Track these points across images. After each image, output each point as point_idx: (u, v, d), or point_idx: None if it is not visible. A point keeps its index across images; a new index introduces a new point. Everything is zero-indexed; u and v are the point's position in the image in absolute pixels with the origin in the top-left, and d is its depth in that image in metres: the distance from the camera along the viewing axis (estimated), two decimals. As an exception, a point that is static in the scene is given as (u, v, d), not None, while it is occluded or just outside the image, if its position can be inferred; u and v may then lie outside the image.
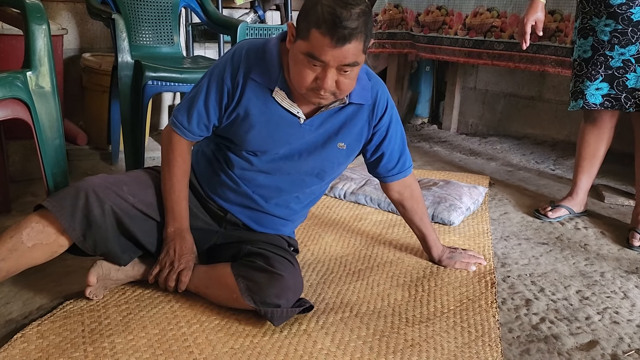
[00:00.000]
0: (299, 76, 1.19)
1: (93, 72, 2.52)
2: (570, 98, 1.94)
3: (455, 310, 1.36)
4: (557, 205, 2.06)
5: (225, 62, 1.30)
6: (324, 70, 1.15)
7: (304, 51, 1.15)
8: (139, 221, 1.30)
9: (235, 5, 3.07)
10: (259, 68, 1.28)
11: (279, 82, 1.28)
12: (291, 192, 1.42)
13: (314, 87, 1.18)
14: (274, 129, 1.32)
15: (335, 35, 1.10)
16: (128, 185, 1.32)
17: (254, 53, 1.29)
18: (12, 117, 1.43)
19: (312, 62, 1.15)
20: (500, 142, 3.33)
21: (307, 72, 1.16)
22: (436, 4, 2.80)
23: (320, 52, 1.13)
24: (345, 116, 1.35)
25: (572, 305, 1.43)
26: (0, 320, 1.24)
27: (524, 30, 1.90)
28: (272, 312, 1.20)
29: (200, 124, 1.33)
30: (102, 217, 1.23)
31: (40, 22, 1.50)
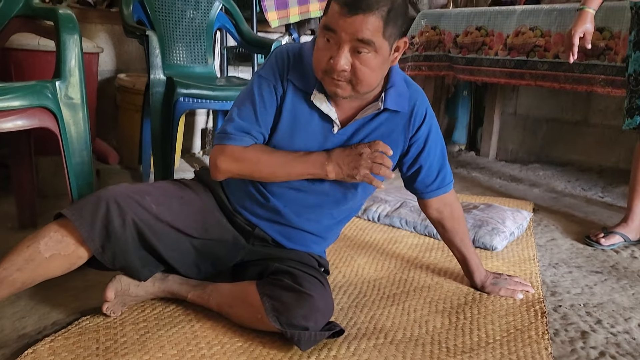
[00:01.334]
0: (315, 57, 1.12)
1: (127, 91, 2.53)
2: (625, 115, 1.80)
3: (502, 341, 1.23)
4: (611, 232, 1.91)
5: (270, 65, 1.23)
6: (337, 46, 1.07)
7: (321, 25, 1.09)
8: (161, 233, 1.22)
9: (270, 28, 3.06)
10: (298, 71, 1.21)
11: (317, 85, 1.20)
12: (323, 208, 1.33)
13: (328, 69, 1.10)
14: (307, 137, 1.24)
15: (347, 1, 1.04)
16: (151, 194, 1.24)
17: (292, 55, 1.22)
18: (38, 126, 1.40)
19: (326, 34, 1.08)
20: (543, 169, 3.18)
21: (323, 50, 1.10)
22: (475, 24, 2.72)
23: (332, 20, 1.06)
24: (380, 124, 1.25)
25: (635, 340, 1.28)
26: (13, 334, 1.18)
27: (571, 43, 1.79)
28: (299, 335, 1.10)
29: (254, 126, 1.22)
30: (122, 229, 1.16)
31: (72, 32, 1.48)
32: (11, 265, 1.10)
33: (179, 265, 1.27)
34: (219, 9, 2.49)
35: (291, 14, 2.97)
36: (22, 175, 1.83)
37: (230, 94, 2.08)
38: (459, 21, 2.80)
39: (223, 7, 2.50)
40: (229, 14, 2.51)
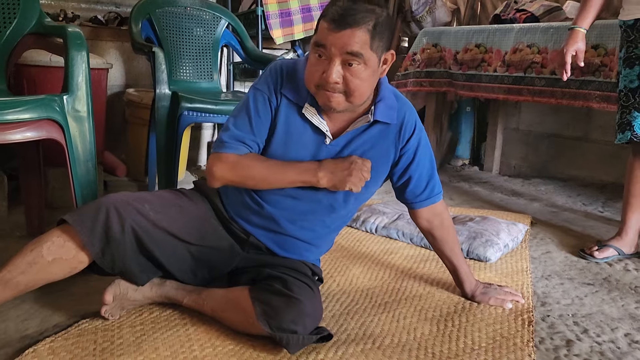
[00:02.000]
0: (308, 72, 1.19)
1: (135, 106, 2.61)
2: (617, 130, 1.84)
3: (487, 348, 1.26)
4: (605, 245, 1.93)
5: (265, 78, 1.29)
6: (329, 61, 1.14)
7: (312, 42, 1.16)
8: (159, 240, 1.27)
9: (276, 45, 3.14)
10: (291, 85, 1.27)
11: (309, 99, 1.26)
12: (317, 215, 1.38)
13: (321, 83, 1.16)
14: (300, 148, 1.30)
15: (335, 18, 1.12)
16: (150, 202, 1.29)
17: (286, 70, 1.29)
18: (46, 137, 1.47)
19: (317, 50, 1.15)
20: (545, 184, 3.20)
21: (314, 66, 1.16)
22: (475, 41, 2.78)
23: (322, 36, 1.13)
24: (371, 136, 1.31)
25: (619, 349, 1.30)
26: (16, 335, 1.23)
27: (564, 61, 1.84)
28: (287, 338, 1.14)
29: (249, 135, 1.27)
30: (121, 235, 1.21)
31: (79, 49, 1.57)
32: (15, 268, 1.16)
33: (175, 271, 1.33)
34: (225, 27, 2.58)
35: (296, 32, 3.05)
36: (31, 186, 1.90)
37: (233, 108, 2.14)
38: (458, 38, 2.86)
39: (229, 25, 2.59)
40: (235, 32, 2.59)
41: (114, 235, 1.20)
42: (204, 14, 2.54)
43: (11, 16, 1.81)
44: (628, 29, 1.78)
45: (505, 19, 2.94)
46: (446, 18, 3.70)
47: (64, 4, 2.73)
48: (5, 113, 1.39)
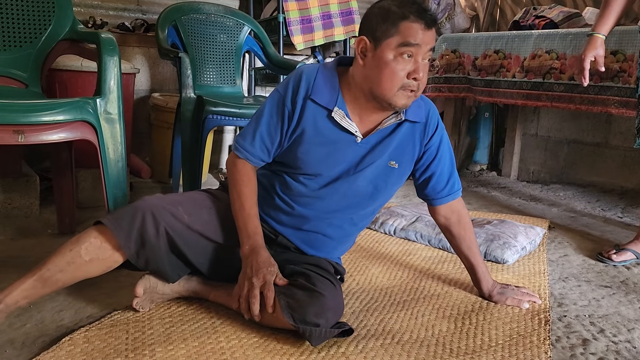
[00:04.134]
0: (390, 76, 1.24)
1: (160, 110, 2.69)
2: (636, 135, 1.86)
3: (504, 345, 1.29)
4: (623, 249, 1.94)
5: (286, 85, 1.35)
6: (415, 60, 1.23)
7: (396, 44, 1.22)
8: (191, 242, 1.33)
9: (296, 51, 3.21)
10: (318, 88, 1.32)
11: (338, 102, 1.32)
12: (345, 214, 1.43)
13: (404, 85, 1.24)
14: (331, 149, 1.35)
15: (426, 18, 1.22)
16: (183, 205, 1.35)
17: (313, 74, 1.34)
18: (80, 138, 1.54)
19: (405, 51, 1.22)
20: (564, 190, 3.20)
21: (399, 68, 1.23)
22: (494, 48, 2.81)
23: (415, 36, 1.21)
24: (400, 134, 1.37)
25: (635, 348, 1.32)
26: (53, 325, 1.30)
27: (582, 67, 1.87)
28: (310, 331, 1.19)
29: (262, 148, 1.36)
30: (156, 238, 1.27)
31: (112, 54, 1.64)
32: (54, 266, 1.22)
33: (205, 270, 1.39)
34: (247, 33, 2.64)
35: (316, 38, 3.11)
36: (63, 186, 1.98)
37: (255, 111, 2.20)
38: (477, 45, 2.89)
39: (252, 31, 2.65)
40: (257, 38, 2.66)
41: (149, 239, 1.26)
42: (228, 20, 2.61)
43: (46, 23, 1.90)
44: None
45: (524, 25, 2.97)
46: (465, 24, 3.74)
47: (93, 11, 2.83)
48: (42, 115, 1.47)
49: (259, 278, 1.24)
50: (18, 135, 1.43)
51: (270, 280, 1.24)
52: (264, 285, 1.23)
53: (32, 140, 1.45)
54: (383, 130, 1.36)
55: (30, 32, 1.87)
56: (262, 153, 1.37)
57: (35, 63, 1.89)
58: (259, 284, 1.23)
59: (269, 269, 1.26)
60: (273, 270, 1.27)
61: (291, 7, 3.02)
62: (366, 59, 1.27)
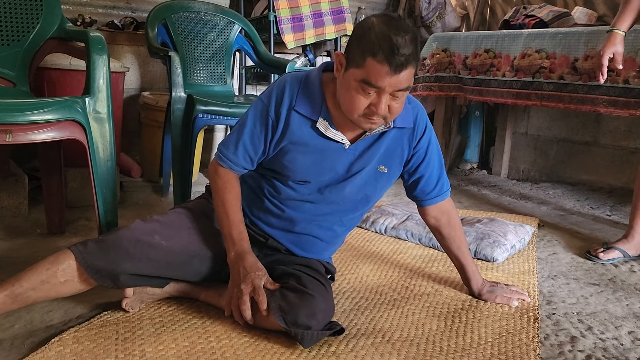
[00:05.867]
0: (351, 103, 1.20)
1: (150, 109, 2.67)
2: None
3: (493, 343, 1.30)
4: (611, 247, 1.96)
5: (269, 95, 1.32)
6: (378, 96, 1.18)
7: (359, 78, 1.17)
8: (179, 263, 1.32)
9: (287, 50, 3.20)
10: (302, 99, 1.31)
11: (322, 112, 1.30)
12: (335, 216, 1.43)
13: (366, 113, 1.20)
14: (319, 157, 1.34)
15: (393, 62, 1.12)
16: (159, 232, 1.32)
17: (296, 85, 1.32)
18: (69, 137, 1.53)
19: (367, 89, 1.17)
20: (553, 188, 3.23)
21: (360, 98, 1.18)
22: (484, 47, 2.82)
23: (377, 79, 1.15)
24: (388, 140, 1.37)
25: (622, 345, 1.33)
26: (42, 325, 1.29)
27: (600, 63, 1.86)
28: (302, 333, 1.19)
29: (246, 157, 1.34)
30: (131, 275, 1.26)
31: (101, 53, 1.63)
32: (28, 284, 1.20)
33: (193, 280, 1.39)
34: (238, 32, 2.64)
35: (307, 37, 3.11)
36: (52, 185, 1.97)
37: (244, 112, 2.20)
38: (468, 44, 2.90)
39: (242, 30, 2.65)
40: (248, 37, 2.65)
41: (123, 278, 1.25)
42: (218, 19, 2.60)
43: (34, 21, 1.88)
44: None
45: (514, 25, 2.98)
46: (456, 23, 3.75)
47: (82, 9, 2.81)
48: (31, 114, 1.45)
49: (247, 284, 1.23)
50: (6, 135, 1.42)
51: (259, 284, 1.24)
52: (254, 290, 1.23)
53: (20, 139, 1.43)
54: (371, 138, 1.35)
55: (18, 30, 1.85)
56: (245, 162, 1.35)
57: (23, 62, 1.88)
58: (248, 290, 1.23)
59: (256, 273, 1.25)
60: (261, 274, 1.26)
61: (282, 5, 3.01)
62: (339, 75, 1.24)
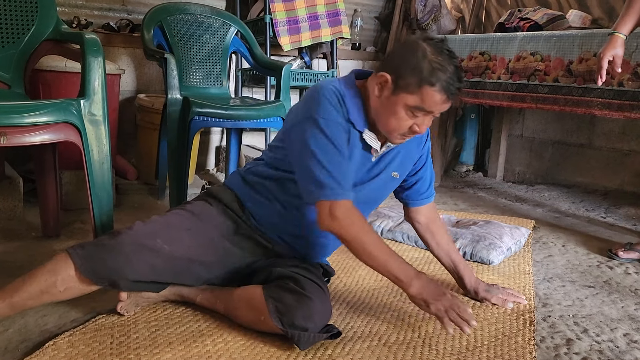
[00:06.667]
0: (397, 125, 1.24)
1: (146, 111, 2.67)
2: None
3: (489, 346, 1.30)
4: (632, 248, 2.00)
5: (332, 106, 1.25)
6: (423, 118, 1.23)
7: (412, 104, 1.20)
8: (180, 268, 1.29)
9: (283, 52, 3.20)
10: (351, 111, 1.28)
11: (367, 125, 1.31)
12: None
13: (407, 133, 1.26)
14: (356, 167, 1.33)
15: (449, 92, 1.18)
16: (160, 235, 1.28)
17: (343, 96, 1.28)
18: (64, 139, 1.52)
19: (416, 112, 1.21)
20: (549, 190, 3.24)
21: (407, 121, 1.23)
22: (479, 49, 2.83)
23: (432, 106, 1.20)
24: (403, 147, 1.40)
25: (618, 348, 1.34)
26: (36, 329, 1.28)
27: (600, 65, 1.87)
28: (299, 335, 1.19)
29: (347, 174, 1.25)
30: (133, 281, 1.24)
31: (96, 55, 1.62)
32: (26, 294, 1.18)
33: (192, 284, 1.38)
34: (234, 34, 2.63)
35: (303, 39, 3.11)
36: (47, 188, 1.96)
37: (242, 114, 2.20)
38: (463, 46, 2.91)
39: (238, 32, 2.64)
40: (244, 39, 2.65)
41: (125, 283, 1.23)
42: (214, 21, 2.60)
43: (29, 23, 1.87)
44: None
45: (509, 27, 2.99)
46: (451, 26, 3.76)
47: (77, 11, 2.80)
48: (25, 116, 1.44)
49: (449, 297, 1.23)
50: (0, 137, 1.41)
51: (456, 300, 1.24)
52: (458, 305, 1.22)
53: (15, 142, 1.42)
54: (390, 145, 1.36)
55: (13, 32, 1.84)
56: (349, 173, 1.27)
57: (18, 64, 1.87)
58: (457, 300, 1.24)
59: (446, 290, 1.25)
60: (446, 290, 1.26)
61: (278, 8, 3.01)
62: (382, 95, 1.25)
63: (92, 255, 1.20)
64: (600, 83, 1.90)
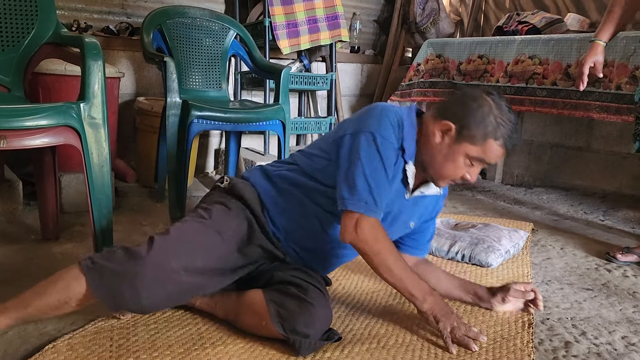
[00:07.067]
0: (453, 171, 1.30)
1: (145, 114, 2.67)
2: (635, 140, 1.91)
3: (487, 348, 1.30)
4: (631, 252, 2.01)
5: (391, 126, 1.28)
6: (476, 168, 1.30)
7: (474, 155, 1.27)
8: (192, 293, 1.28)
9: (282, 55, 3.21)
10: (406, 137, 1.31)
11: (413, 157, 1.33)
12: None
13: (457, 179, 1.32)
14: (392, 198, 1.34)
15: (510, 146, 1.27)
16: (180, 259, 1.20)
17: (402, 120, 1.31)
18: (64, 143, 1.53)
19: (475, 162, 1.29)
20: (547, 193, 3.24)
21: (463, 168, 1.29)
22: (478, 53, 2.84)
23: (493, 158, 1.28)
24: (427, 200, 1.45)
25: (616, 350, 1.34)
26: (35, 332, 1.28)
27: (581, 72, 1.92)
28: (300, 342, 1.18)
29: (384, 195, 1.27)
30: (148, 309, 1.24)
31: (96, 59, 1.62)
32: (36, 310, 1.17)
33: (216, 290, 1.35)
34: (233, 37, 2.64)
35: (302, 42, 3.12)
36: (46, 190, 1.96)
37: (241, 117, 2.21)
38: (462, 50, 2.92)
39: (237, 35, 2.65)
40: (243, 42, 2.66)
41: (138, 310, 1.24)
42: (213, 24, 2.61)
43: (29, 26, 1.88)
44: None
45: (507, 31, 3.01)
46: (450, 29, 3.77)
47: (77, 15, 2.81)
48: (25, 120, 1.45)
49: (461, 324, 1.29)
50: (0, 141, 1.41)
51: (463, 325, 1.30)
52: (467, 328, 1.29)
53: (15, 145, 1.43)
54: (420, 194, 1.39)
55: (13, 35, 1.85)
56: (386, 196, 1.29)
57: (18, 67, 1.87)
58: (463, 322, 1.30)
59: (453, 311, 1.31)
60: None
61: (277, 11, 3.02)
62: (443, 141, 1.29)
63: (109, 285, 1.14)
64: (581, 88, 1.96)
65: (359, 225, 1.23)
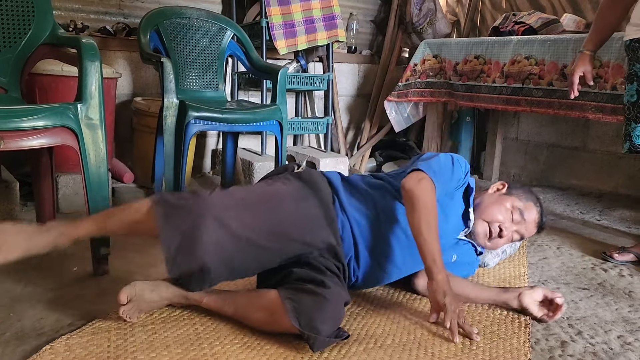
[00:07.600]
0: (499, 215, 1.58)
1: (142, 114, 2.67)
2: (624, 140, 1.93)
3: (484, 348, 1.31)
4: (626, 251, 2.02)
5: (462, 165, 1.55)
6: (511, 225, 1.58)
7: (518, 206, 1.60)
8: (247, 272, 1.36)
9: (279, 56, 3.21)
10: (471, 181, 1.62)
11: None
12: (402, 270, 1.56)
13: (493, 228, 1.58)
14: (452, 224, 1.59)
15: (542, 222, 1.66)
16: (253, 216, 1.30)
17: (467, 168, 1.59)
18: (61, 143, 1.53)
19: (516, 215, 1.58)
20: (544, 193, 3.25)
21: (507, 216, 1.58)
22: (474, 53, 2.84)
23: (530, 223, 1.61)
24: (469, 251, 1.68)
25: (612, 350, 1.35)
26: (33, 333, 1.28)
27: (571, 81, 1.99)
28: (314, 338, 1.19)
29: (446, 182, 1.49)
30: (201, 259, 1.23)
31: (93, 59, 1.62)
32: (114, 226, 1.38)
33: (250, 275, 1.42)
34: (230, 38, 2.64)
35: (299, 42, 3.12)
36: (44, 191, 1.96)
37: (238, 117, 2.21)
38: (458, 50, 2.93)
39: (234, 35, 2.65)
40: (240, 43, 2.66)
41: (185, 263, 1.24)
42: (210, 25, 2.61)
43: (26, 27, 1.87)
44: (626, 48, 1.87)
45: (503, 31, 3.02)
46: (446, 30, 3.77)
47: (74, 15, 2.81)
48: (22, 120, 1.45)
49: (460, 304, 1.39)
50: (-3, 142, 1.41)
51: None
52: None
53: (12, 146, 1.43)
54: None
55: (10, 36, 1.84)
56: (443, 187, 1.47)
57: (15, 68, 1.87)
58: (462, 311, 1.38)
59: None
60: None
61: (274, 11, 3.02)
62: (495, 193, 1.65)
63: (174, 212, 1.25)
64: (573, 97, 2.04)
65: (423, 180, 1.39)
